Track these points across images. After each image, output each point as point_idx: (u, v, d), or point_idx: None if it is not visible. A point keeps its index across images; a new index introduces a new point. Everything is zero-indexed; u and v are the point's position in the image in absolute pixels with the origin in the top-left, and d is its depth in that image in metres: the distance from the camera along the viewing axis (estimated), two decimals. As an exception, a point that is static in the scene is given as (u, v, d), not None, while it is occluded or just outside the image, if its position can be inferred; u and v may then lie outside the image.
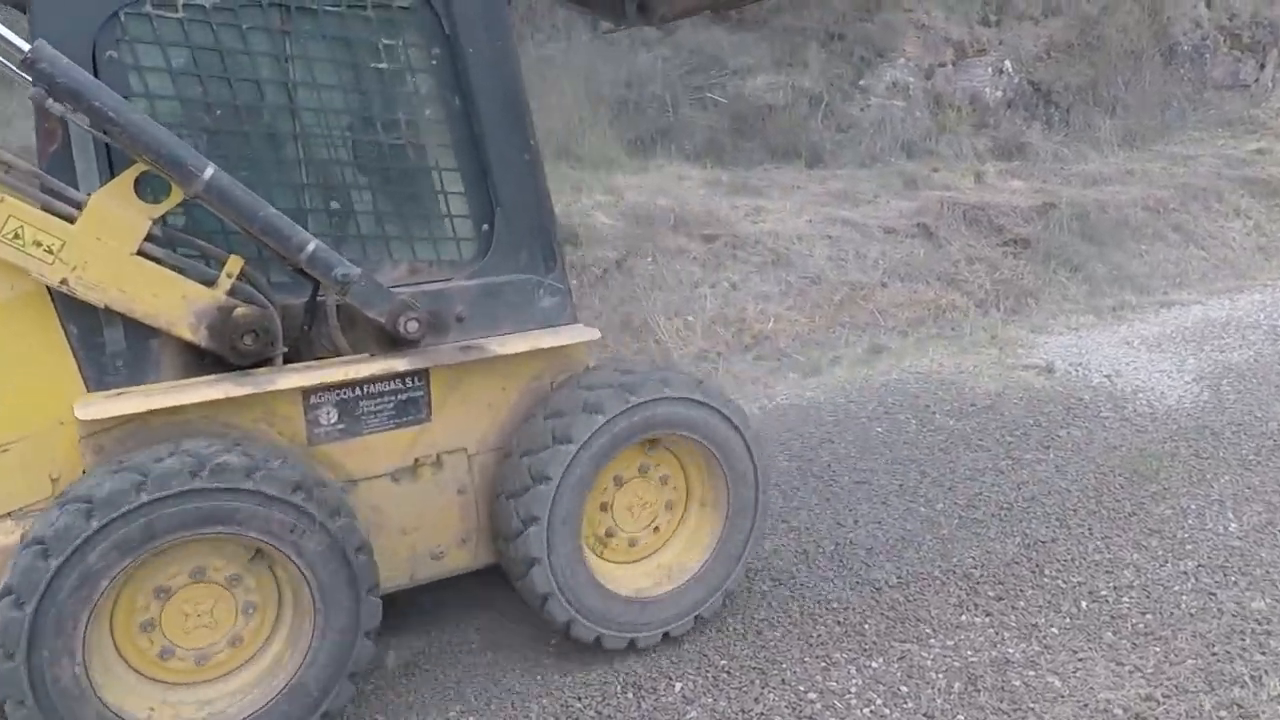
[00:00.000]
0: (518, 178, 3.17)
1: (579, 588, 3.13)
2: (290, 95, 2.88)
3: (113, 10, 2.62)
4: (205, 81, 2.77)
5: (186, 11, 2.68)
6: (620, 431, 3.09)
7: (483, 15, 3.01)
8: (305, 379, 2.85)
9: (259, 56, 2.82)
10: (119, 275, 2.65)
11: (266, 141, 2.90)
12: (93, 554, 2.39)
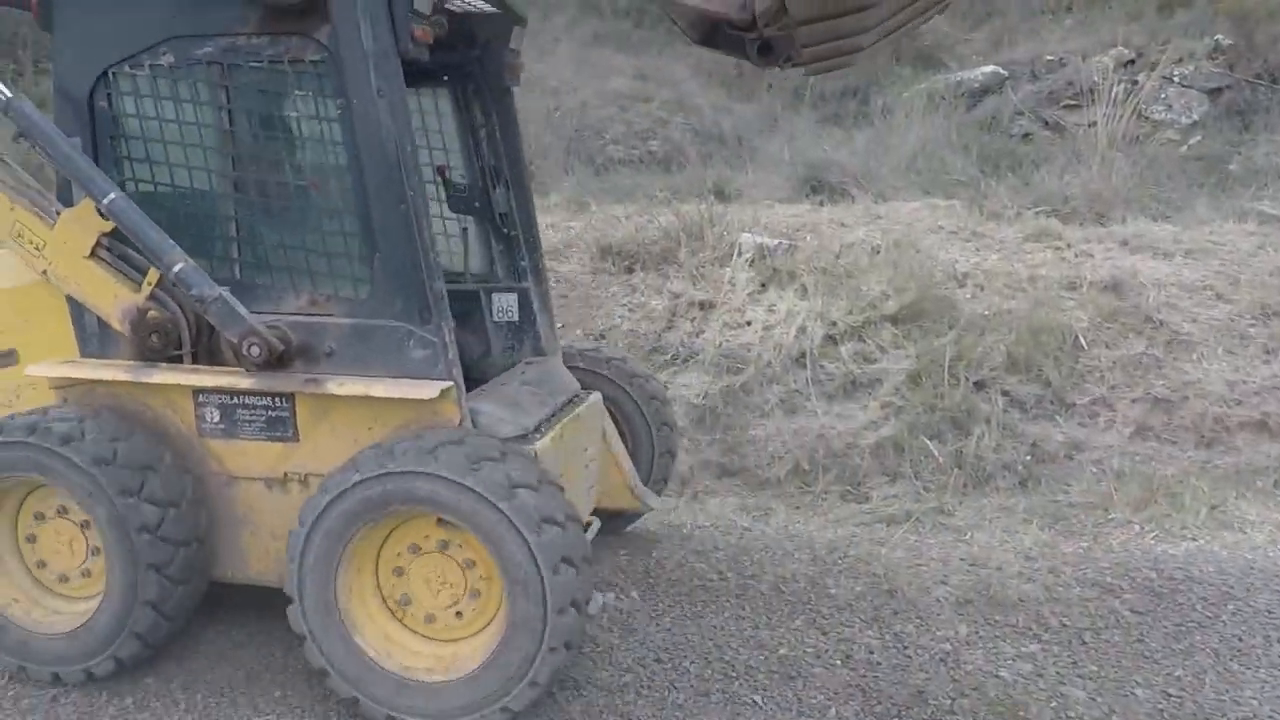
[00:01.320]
0: (394, 227, 3.37)
1: (330, 642, 3.26)
2: (224, 138, 3.53)
3: (103, 69, 3.51)
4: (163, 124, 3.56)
5: (151, 70, 3.49)
6: (354, 499, 3.17)
7: (370, 70, 3.25)
8: (186, 379, 3.54)
9: (202, 105, 3.52)
10: (75, 272, 3.61)
11: (204, 174, 3.59)
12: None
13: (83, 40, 3.56)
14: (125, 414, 3.62)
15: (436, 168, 4.51)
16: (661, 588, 4.51)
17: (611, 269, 7.60)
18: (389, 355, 3.43)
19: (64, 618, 3.58)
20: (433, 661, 3.31)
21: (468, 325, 4.53)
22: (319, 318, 3.49)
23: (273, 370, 3.44)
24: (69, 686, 3.56)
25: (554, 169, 10.20)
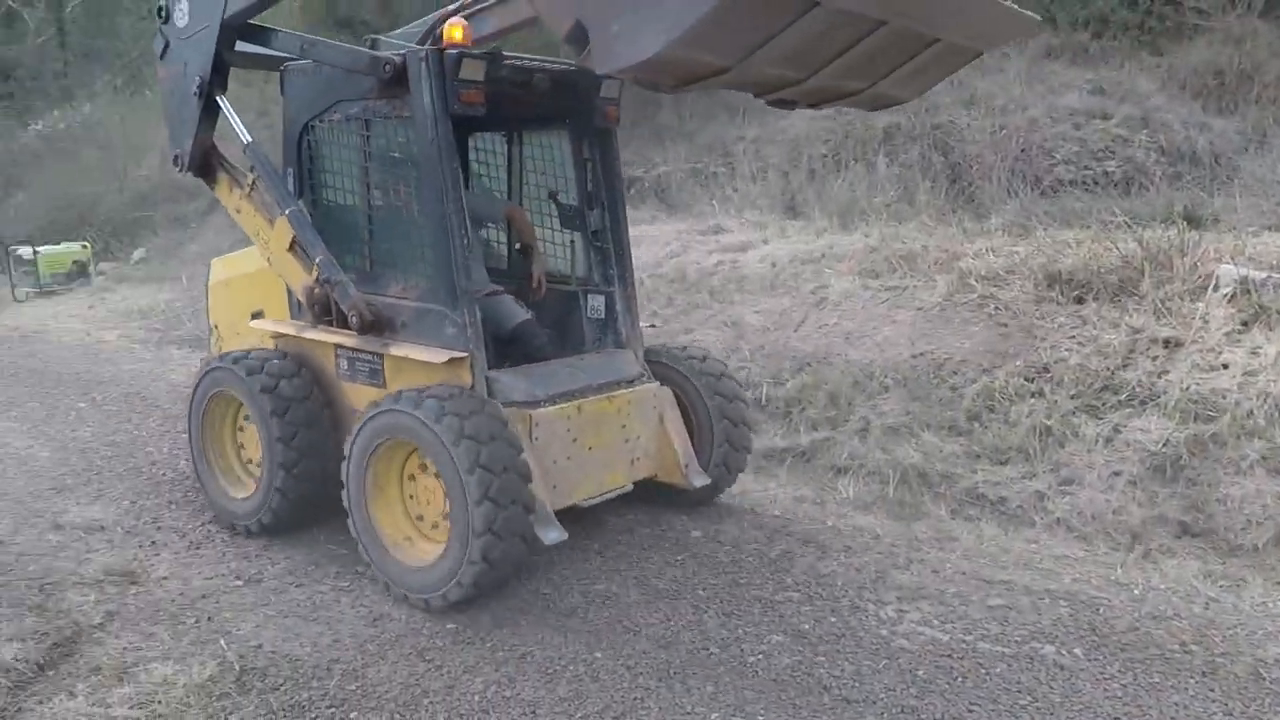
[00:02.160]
0: (437, 238, 4.70)
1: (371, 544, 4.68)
2: (362, 170, 5.07)
3: (306, 120, 5.22)
4: (333, 160, 5.25)
5: (328, 124, 5.16)
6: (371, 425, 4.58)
7: (428, 122, 4.56)
8: (328, 337, 5.12)
9: (352, 148, 5.11)
10: (281, 261, 5.27)
11: (353, 194, 5.20)
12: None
13: (296, 105, 5.29)
14: (301, 359, 5.35)
15: (550, 193, 5.82)
16: (1109, 649, 4.12)
17: (1059, 298, 7.09)
18: (433, 331, 4.75)
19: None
20: (424, 555, 4.57)
21: (569, 318, 5.78)
22: (401, 300, 4.91)
23: (370, 335, 4.90)
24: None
25: (996, 191, 9.73)
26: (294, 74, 5.28)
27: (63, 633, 4.23)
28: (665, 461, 5.49)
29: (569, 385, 5.03)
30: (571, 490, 4.97)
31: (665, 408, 5.47)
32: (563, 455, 4.88)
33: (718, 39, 3.46)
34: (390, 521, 4.70)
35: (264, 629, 4.33)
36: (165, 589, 4.75)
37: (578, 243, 5.76)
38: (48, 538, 5.39)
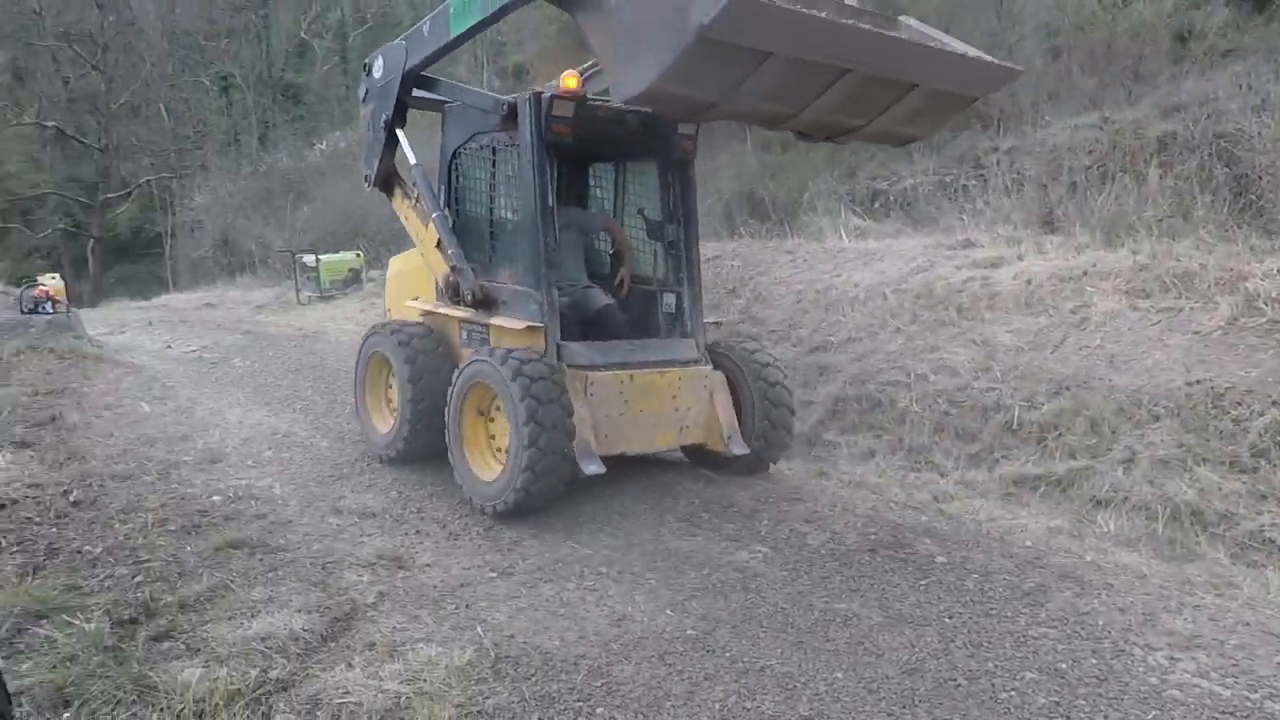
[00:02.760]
0: (529, 239, 6.22)
1: (459, 464, 6.21)
2: (489, 187, 6.74)
3: (455, 148, 6.91)
4: (471, 180, 6.94)
5: (469, 153, 6.88)
6: (466, 370, 6.15)
7: (528, 149, 6.11)
8: (454, 313, 6.72)
9: (483, 170, 6.75)
10: (430, 255, 6.91)
11: (484, 206, 6.86)
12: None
13: (449, 136, 7.03)
14: (438, 330, 7.02)
15: (639, 209, 7.14)
16: None
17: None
18: (521, 307, 6.24)
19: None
20: (492, 473, 6.00)
21: (648, 311, 7.05)
22: (505, 285, 6.45)
23: (481, 310, 6.48)
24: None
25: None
26: (450, 113, 7.07)
27: (342, 608, 4.64)
28: (712, 432, 6.64)
29: (625, 358, 6.35)
30: (620, 441, 6.28)
31: (716, 388, 6.66)
32: (614, 412, 6.20)
33: (695, 78, 4.43)
34: (474, 446, 6.24)
35: (516, 620, 4.56)
36: (428, 575, 5.11)
37: (659, 251, 7.05)
38: (329, 521, 5.94)
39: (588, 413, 5.96)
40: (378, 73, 7.23)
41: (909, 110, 5.26)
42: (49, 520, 5.82)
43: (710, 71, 4.44)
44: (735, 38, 4.25)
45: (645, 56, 4.38)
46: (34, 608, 4.64)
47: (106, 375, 9.30)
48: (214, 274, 25.59)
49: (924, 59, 5.00)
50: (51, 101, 34.47)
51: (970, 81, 5.34)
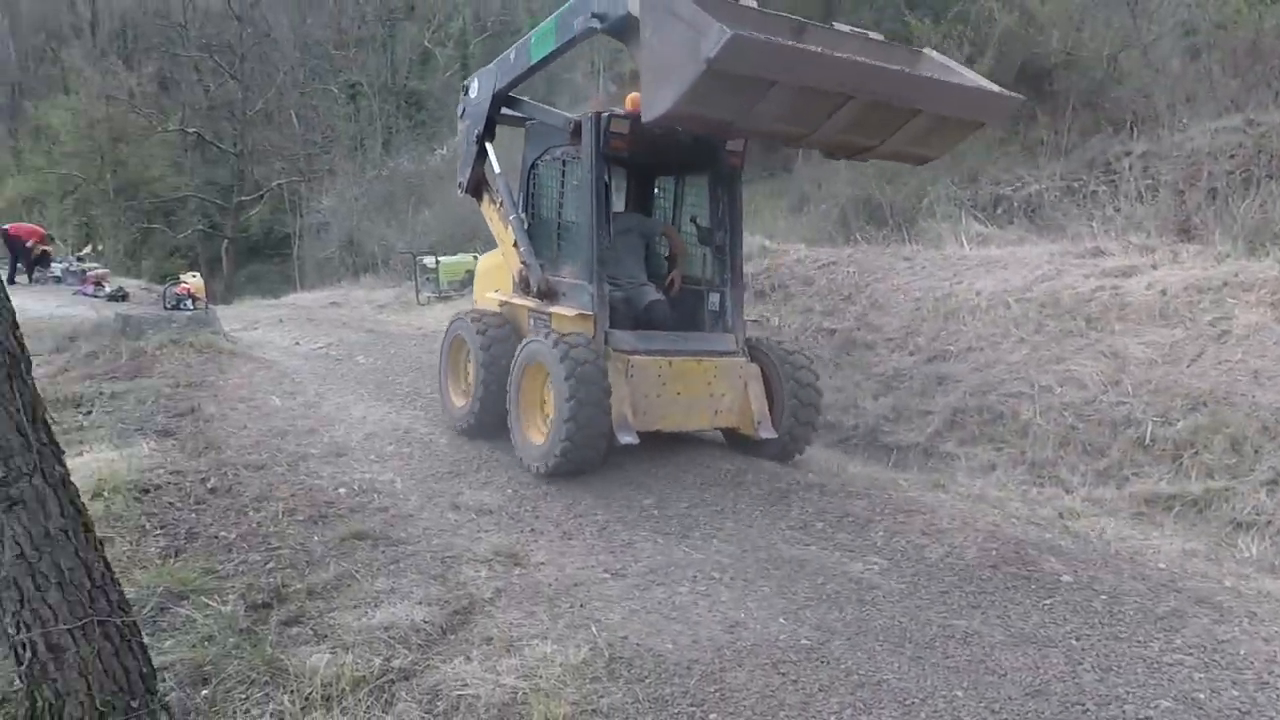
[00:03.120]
0: (585, 239, 7.08)
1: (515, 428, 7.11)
2: (558, 193, 7.66)
3: (533, 160, 7.87)
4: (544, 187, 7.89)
5: (544, 164, 7.80)
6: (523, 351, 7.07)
7: (589, 161, 6.96)
8: (524, 302, 7.59)
9: (555, 179, 7.70)
10: (507, 252, 7.94)
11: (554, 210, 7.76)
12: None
13: (529, 149, 7.98)
14: (512, 319, 7.86)
15: (692, 217, 7.90)
16: None
17: None
18: (577, 298, 7.11)
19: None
20: (541, 439, 6.83)
21: (697, 307, 7.69)
22: (566, 279, 7.32)
23: (545, 301, 7.38)
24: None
25: None
26: (530, 129, 8.06)
27: (461, 602, 4.76)
28: (744, 417, 7.32)
29: (665, 346, 7.11)
30: (657, 419, 7.01)
31: (750, 378, 7.32)
32: (653, 393, 6.92)
33: (710, 102, 5.27)
34: (528, 415, 7.10)
35: (629, 621, 4.59)
36: (543, 573, 5.19)
37: (708, 255, 7.75)
38: (447, 516, 6.09)
39: (627, 392, 6.73)
40: (474, 93, 8.36)
41: (918, 132, 5.99)
42: (189, 506, 6.14)
43: (722, 97, 5.26)
44: (739, 69, 5.07)
45: (668, 83, 5.29)
46: (175, 588, 4.90)
47: (240, 369, 9.75)
48: (339, 274, 26.58)
49: (921, 88, 5.74)
50: (193, 109, 36.38)
51: (971, 108, 6.10)
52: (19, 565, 3.41)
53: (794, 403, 7.28)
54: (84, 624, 3.50)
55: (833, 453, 8.51)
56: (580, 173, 7.21)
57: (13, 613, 3.48)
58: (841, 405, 9.23)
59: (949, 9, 15.66)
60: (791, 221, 14.73)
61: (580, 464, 6.55)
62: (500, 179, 8.02)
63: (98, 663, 3.53)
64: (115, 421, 7.79)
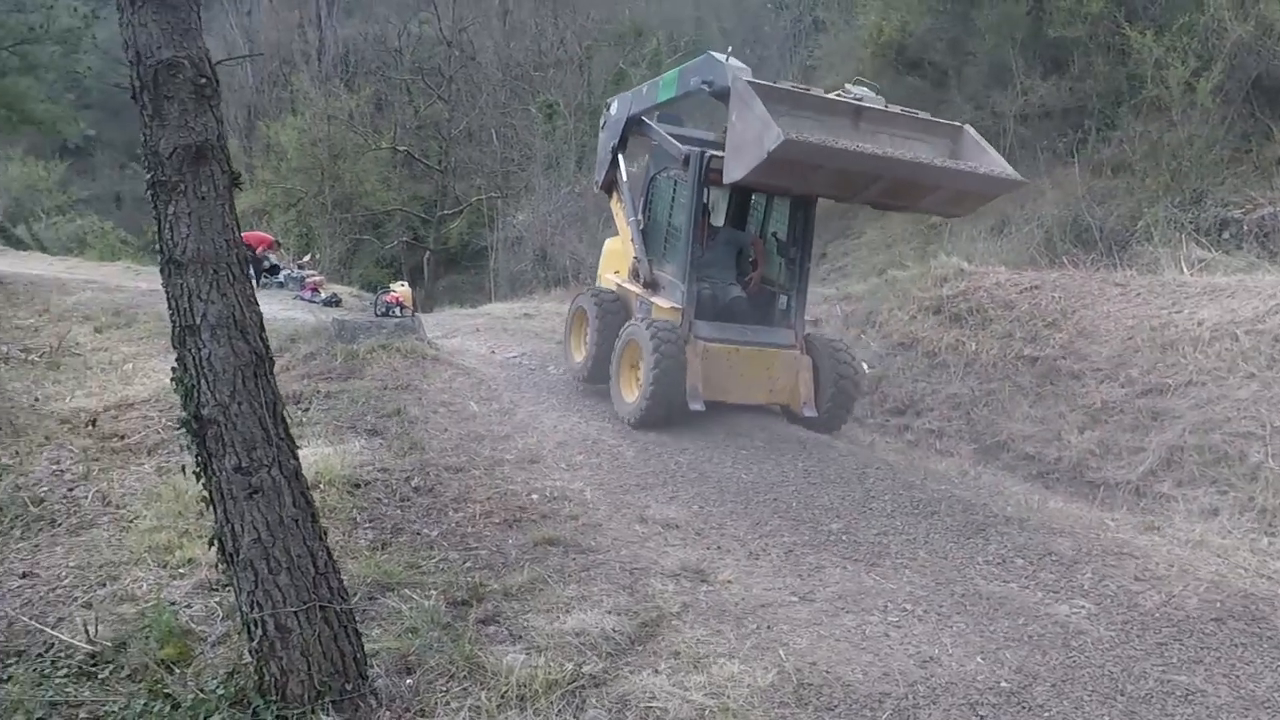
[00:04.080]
0: (683, 244, 8.92)
1: (615, 392, 9.15)
2: (670, 205, 9.46)
3: (652, 174, 9.86)
4: (658, 199, 9.77)
5: (662, 179, 9.69)
6: (623, 334, 9.14)
7: (693, 183, 8.84)
8: (635, 289, 9.61)
9: (667, 192, 9.58)
10: (626, 246, 10.00)
11: (665, 217, 9.55)
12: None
13: (652, 164, 9.75)
14: (621, 302, 9.79)
15: (773, 232, 9.60)
16: None
17: None
18: (672, 292, 8.99)
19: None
20: (633, 397, 8.71)
21: (771, 307, 9.44)
22: (667, 275, 9.14)
23: (649, 291, 9.26)
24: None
25: None
26: (655, 149, 9.99)
27: (649, 614, 4.80)
28: (793, 398, 9.09)
29: (735, 337, 8.96)
30: (722, 393, 8.81)
31: (802, 368, 9.07)
32: (721, 372, 8.77)
33: (771, 176, 7.33)
34: (625, 379, 9.08)
35: (818, 647, 4.50)
36: (730, 592, 5.17)
37: (783, 264, 9.45)
38: (634, 528, 6.18)
39: (700, 369, 8.61)
40: (614, 111, 10.39)
41: (944, 199, 7.91)
42: (394, 502, 6.50)
43: (779, 174, 7.34)
44: (791, 158, 6.93)
45: (741, 159, 7.22)
46: (382, 580, 5.20)
47: (441, 375, 10.23)
48: (532, 286, 27.49)
49: (935, 174, 7.54)
50: (403, 128, 38.67)
51: (981, 187, 7.83)
52: (255, 549, 3.71)
53: (834, 390, 8.99)
54: (308, 608, 3.76)
55: (1032, 486, 8.08)
56: (686, 193, 9.09)
57: (248, 592, 3.78)
58: (1042, 437, 8.77)
59: (1173, 20, 14.64)
60: (991, 243, 14.13)
61: (657, 419, 8.55)
62: (625, 185, 10.03)
63: (318, 645, 3.78)
64: (330, 419, 8.34)
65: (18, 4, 19.21)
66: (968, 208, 8.48)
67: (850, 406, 9.19)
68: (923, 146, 7.95)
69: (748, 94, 7.25)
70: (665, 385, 8.28)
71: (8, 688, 4.28)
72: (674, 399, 8.37)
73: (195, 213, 3.62)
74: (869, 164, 7.27)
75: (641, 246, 9.53)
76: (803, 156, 6.98)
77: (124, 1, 3.59)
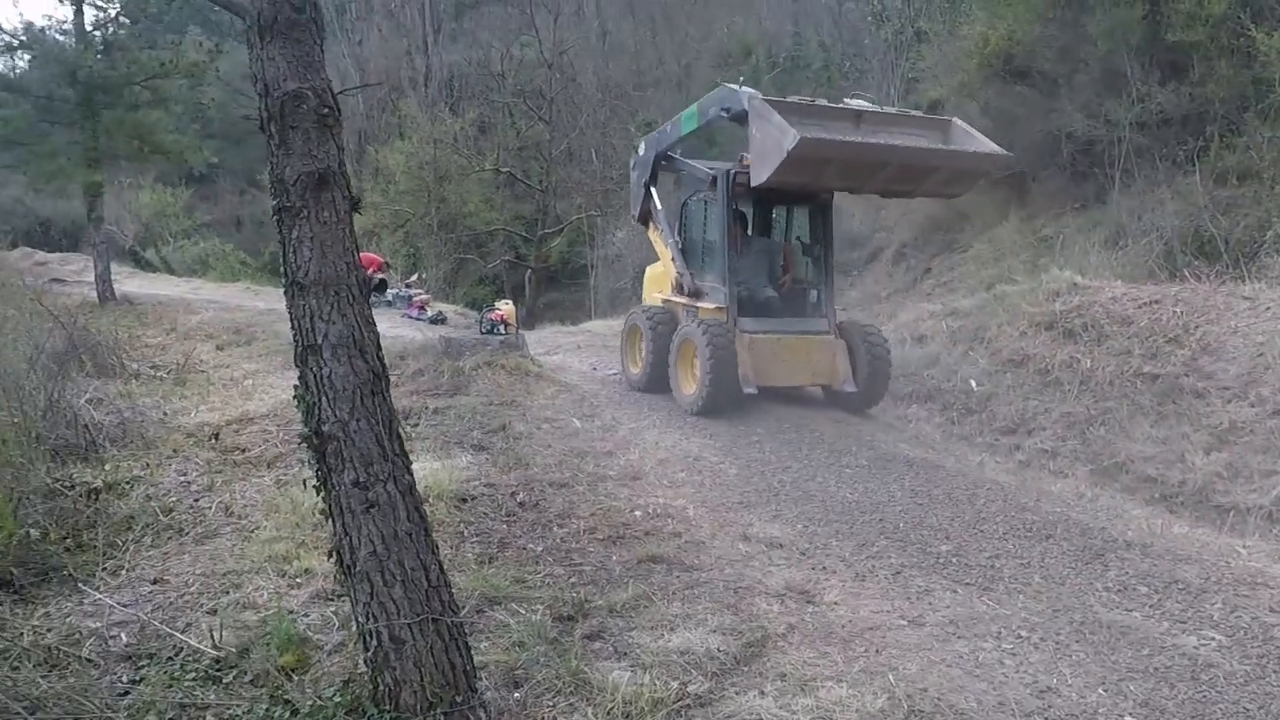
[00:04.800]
0: (720, 251, 10.34)
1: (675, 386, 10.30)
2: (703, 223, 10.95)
3: (684, 199, 11.44)
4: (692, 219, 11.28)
5: (693, 202, 11.19)
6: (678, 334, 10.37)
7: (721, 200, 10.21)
8: (683, 300, 10.84)
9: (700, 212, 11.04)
10: (666, 265, 11.37)
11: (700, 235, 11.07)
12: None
13: (682, 190, 11.53)
14: (669, 315, 10.99)
15: (796, 236, 10.95)
16: None
17: None
18: (715, 296, 10.25)
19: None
20: (691, 390, 9.88)
21: (803, 300, 10.73)
22: (708, 283, 10.49)
23: (693, 298, 10.56)
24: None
25: None
26: (682, 177, 11.64)
27: (754, 634, 4.76)
28: (833, 377, 10.21)
29: (776, 329, 10.16)
30: (769, 378, 9.90)
31: (838, 351, 10.22)
32: (766, 360, 9.87)
33: (792, 173, 8.46)
34: (683, 375, 10.19)
35: (928, 673, 4.39)
36: (836, 613, 5.09)
37: (809, 264, 10.86)
38: (738, 546, 6.14)
39: (748, 358, 9.71)
40: (642, 151, 11.92)
41: (942, 180, 9.42)
42: (500, 517, 6.61)
43: (799, 171, 8.57)
44: (807, 155, 8.26)
45: (765, 163, 8.59)
46: (489, 593, 5.28)
47: (545, 391, 10.38)
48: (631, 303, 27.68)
49: (931, 156, 9.12)
50: (505, 150, 39.48)
51: (974, 165, 9.50)
52: (371, 561, 3.82)
53: (869, 368, 10.16)
54: (421, 620, 3.84)
55: (1153, 510, 7.73)
56: (717, 210, 10.42)
57: (363, 603, 3.89)
58: (1164, 459, 8.39)
59: (1303, 19, 13.92)
60: (1105, 256, 13.61)
61: (716, 406, 9.56)
62: (660, 213, 11.44)
63: (430, 656, 3.86)
64: (438, 434, 8.54)
65: (150, 41, 20.36)
66: (965, 186, 10.06)
67: (885, 381, 10.31)
68: (920, 137, 9.44)
69: (764, 109, 8.70)
70: (720, 374, 9.32)
71: (140, 688, 4.49)
72: (729, 385, 9.42)
73: (317, 237, 3.76)
74: (875, 154, 8.81)
75: (683, 262, 10.86)
76: (817, 153, 8.35)
77: (254, 38, 3.77)
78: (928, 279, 18.37)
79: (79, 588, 5.66)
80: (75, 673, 4.57)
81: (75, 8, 18.53)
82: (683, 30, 37.79)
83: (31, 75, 20.80)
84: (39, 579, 5.82)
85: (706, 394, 9.45)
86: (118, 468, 7.76)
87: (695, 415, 9.55)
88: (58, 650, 4.81)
